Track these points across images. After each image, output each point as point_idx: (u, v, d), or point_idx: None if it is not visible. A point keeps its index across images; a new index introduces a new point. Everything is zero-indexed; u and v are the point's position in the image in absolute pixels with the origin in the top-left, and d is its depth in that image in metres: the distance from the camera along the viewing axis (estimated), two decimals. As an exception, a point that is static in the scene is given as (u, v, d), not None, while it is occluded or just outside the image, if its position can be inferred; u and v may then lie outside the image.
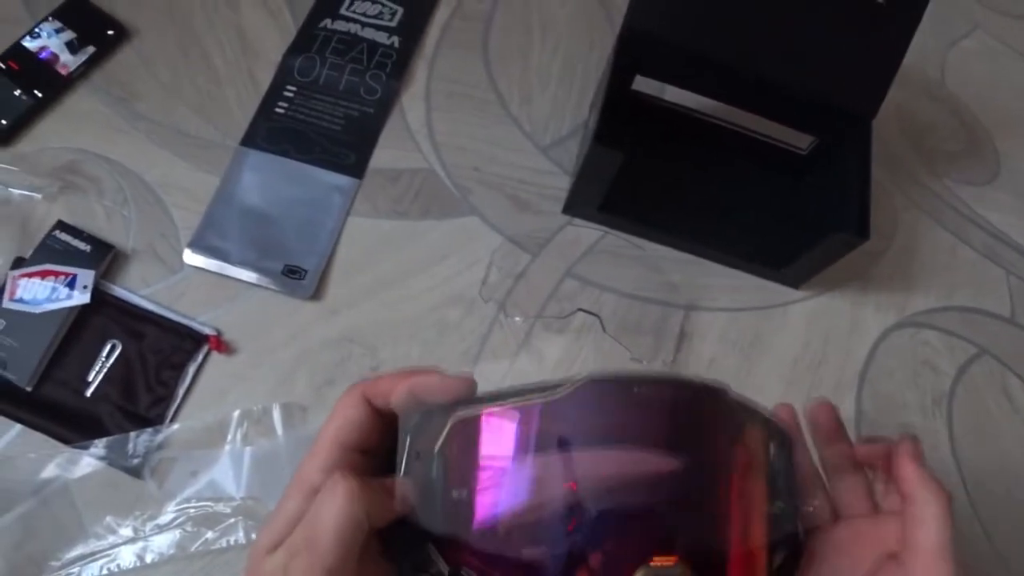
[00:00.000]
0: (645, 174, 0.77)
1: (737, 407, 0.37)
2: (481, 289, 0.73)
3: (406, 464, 0.35)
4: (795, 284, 0.78)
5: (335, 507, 0.32)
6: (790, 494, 0.39)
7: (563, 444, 0.34)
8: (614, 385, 0.35)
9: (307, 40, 0.81)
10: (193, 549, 0.60)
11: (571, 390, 0.34)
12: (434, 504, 0.34)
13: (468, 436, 0.35)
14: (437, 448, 0.35)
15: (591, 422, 0.35)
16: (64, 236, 0.67)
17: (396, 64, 0.82)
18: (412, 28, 0.85)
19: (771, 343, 0.76)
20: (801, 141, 0.79)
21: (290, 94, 0.78)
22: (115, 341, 0.66)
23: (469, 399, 0.35)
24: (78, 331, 0.65)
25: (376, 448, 0.37)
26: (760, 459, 0.38)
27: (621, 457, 0.34)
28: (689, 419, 0.36)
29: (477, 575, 0.34)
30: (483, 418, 0.35)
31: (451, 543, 0.34)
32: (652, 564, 0.32)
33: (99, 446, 0.62)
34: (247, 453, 0.63)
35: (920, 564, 0.36)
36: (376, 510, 0.33)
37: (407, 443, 0.36)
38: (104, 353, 0.65)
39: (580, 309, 0.72)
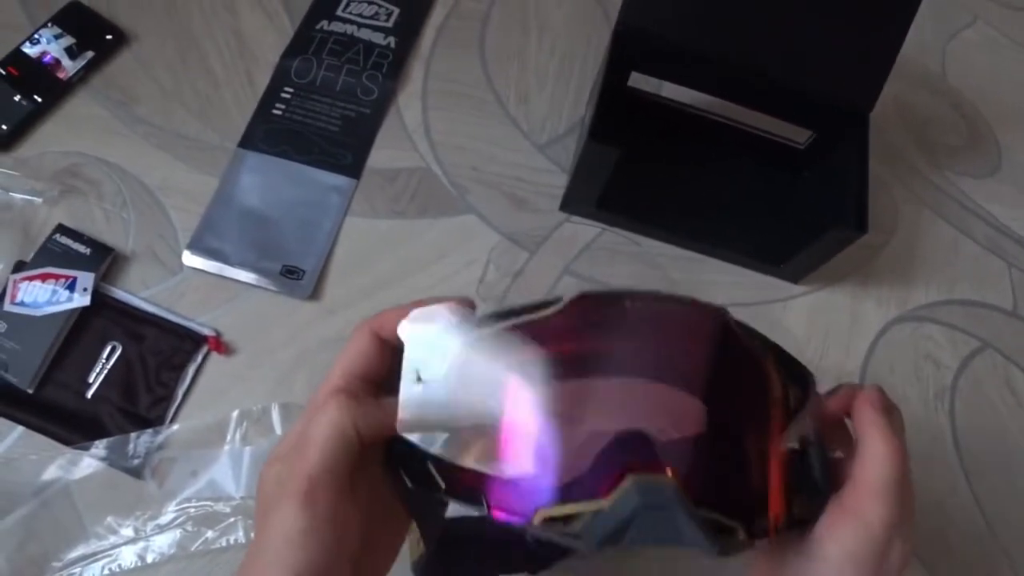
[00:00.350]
0: (642, 170, 0.77)
1: (740, 330, 0.36)
2: (479, 287, 0.73)
3: (405, 387, 0.36)
4: (795, 279, 0.78)
5: (324, 417, 0.34)
6: (810, 434, 0.38)
7: (558, 363, 0.34)
8: (604, 299, 0.35)
9: (304, 42, 0.82)
10: (194, 549, 0.60)
11: (561, 307, 0.34)
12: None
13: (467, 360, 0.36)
14: (442, 372, 0.36)
15: (585, 339, 0.35)
16: (64, 239, 0.68)
17: (392, 64, 0.82)
18: (408, 29, 0.85)
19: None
20: (799, 136, 0.79)
21: (287, 95, 0.79)
22: (115, 343, 0.66)
23: (467, 322, 0.36)
24: (78, 333, 0.66)
25: (386, 378, 0.38)
26: (769, 387, 0.37)
27: (617, 376, 0.34)
28: (682, 334, 0.36)
29: (471, 492, 0.34)
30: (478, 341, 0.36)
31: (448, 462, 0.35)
32: (642, 474, 0.32)
33: (100, 447, 0.62)
34: (246, 453, 0.64)
35: (853, 498, 0.36)
36: (367, 423, 0.35)
37: (407, 367, 0.37)
38: (104, 355, 0.66)
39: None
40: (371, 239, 0.74)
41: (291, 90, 0.79)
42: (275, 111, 0.78)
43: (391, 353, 0.38)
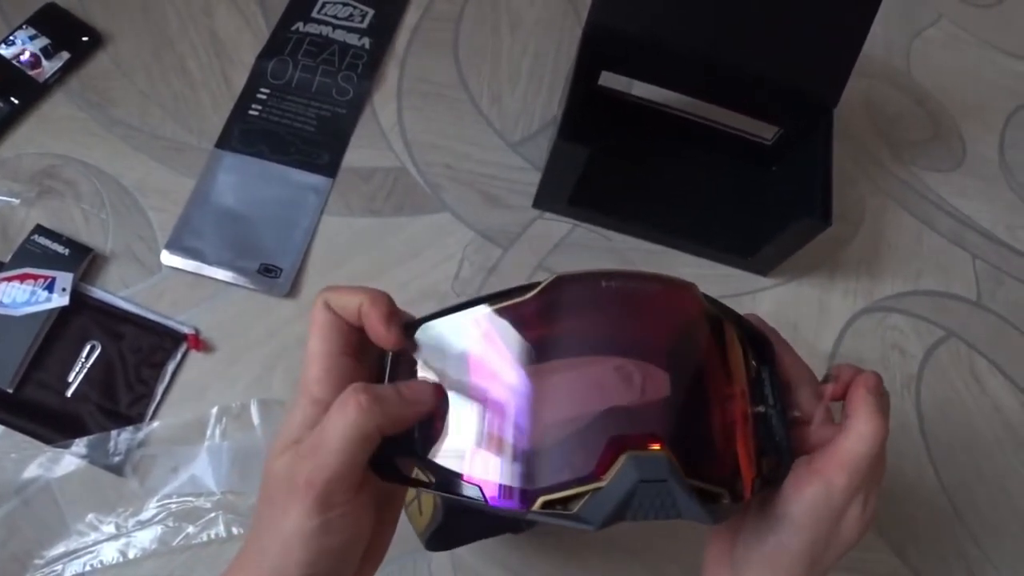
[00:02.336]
0: (613, 168, 0.78)
1: (707, 304, 0.38)
2: (454, 284, 0.74)
3: (390, 370, 0.38)
4: (764, 272, 0.80)
5: (344, 420, 0.33)
6: (774, 398, 0.39)
7: (540, 347, 0.35)
8: (582, 281, 0.36)
9: (280, 43, 0.83)
10: (175, 544, 0.61)
11: (538, 291, 0.35)
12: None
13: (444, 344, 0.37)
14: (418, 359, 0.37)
15: (563, 321, 0.35)
16: (43, 240, 0.68)
17: (367, 65, 0.83)
18: (383, 29, 0.86)
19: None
20: (766, 132, 0.80)
21: (263, 96, 0.80)
22: (95, 342, 0.67)
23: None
24: (58, 333, 0.67)
25: (365, 349, 0.38)
26: (734, 355, 0.38)
27: (597, 355, 0.35)
28: (658, 311, 0.36)
29: (465, 485, 0.35)
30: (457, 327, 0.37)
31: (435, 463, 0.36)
32: (636, 451, 0.33)
33: (81, 445, 0.63)
34: (226, 448, 0.65)
35: (823, 463, 0.38)
36: (388, 421, 0.34)
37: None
38: (84, 354, 0.67)
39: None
40: (347, 237, 0.75)
41: (267, 91, 0.80)
42: (251, 111, 0.79)
43: (353, 329, 0.38)
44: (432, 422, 0.36)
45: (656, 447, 0.33)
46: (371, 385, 0.34)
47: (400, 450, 0.36)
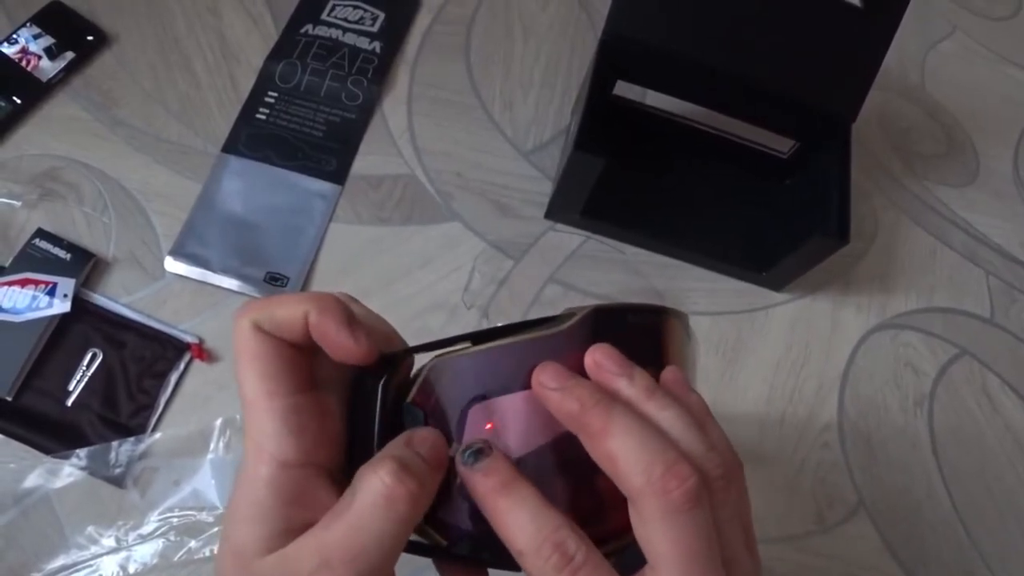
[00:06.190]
0: (627, 179, 0.77)
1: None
2: (464, 295, 0.73)
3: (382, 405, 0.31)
4: (777, 287, 0.79)
5: (394, 519, 0.26)
6: None
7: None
8: (615, 313, 0.32)
9: (289, 45, 0.81)
10: (176, 559, 0.60)
11: (574, 322, 0.31)
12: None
13: (452, 380, 0.31)
14: (409, 398, 0.32)
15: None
16: (44, 244, 0.67)
17: (377, 70, 0.81)
18: (394, 33, 0.84)
19: (753, 346, 0.76)
20: (782, 145, 0.80)
21: (271, 100, 0.78)
22: (96, 350, 0.66)
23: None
24: (59, 340, 0.65)
25: (322, 376, 0.32)
26: None
27: None
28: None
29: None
30: (470, 359, 0.31)
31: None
32: None
33: (81, 456, 0.62)
34: (230, 462, 0.63)
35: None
36: (429, 500, 0.28)
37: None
38: (85, 362, 0.65)
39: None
40: (355, 246, 0.74)
41: (275, 94, 0.79)
42: (259, 115, 0.77)
43: (302, 352, 0.30)
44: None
45: None
46: (403, 460, 0.27)
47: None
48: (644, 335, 0.33)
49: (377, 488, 0.26)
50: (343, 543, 0.26)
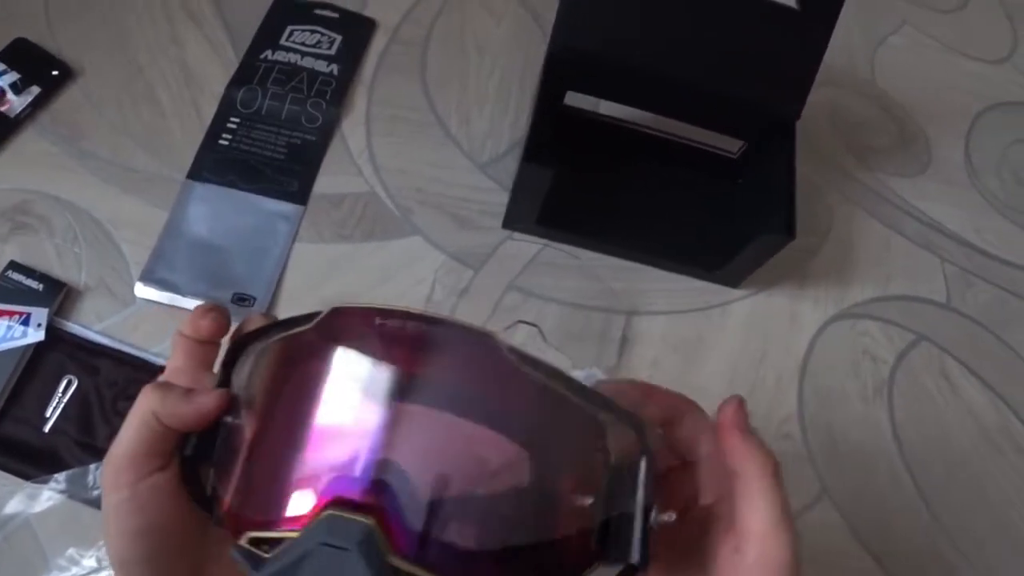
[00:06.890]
0: (581, 186, 0.79)
1: (516, 357, 0.30)
2: (427, 307, 0.75)
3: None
4: (733, 284, 0.81)
5: (136, 405, 0.34)
6: (622, 493, 0.32)
7: (308, 383, 0.33)
8: (358, 315, 0.32)
9: (249, 71, 0.83)
10: (154, 576, 0.62)
11: (315, 323, 0.32)
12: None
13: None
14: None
15: (339, 355, 0.33)
16: (17, 276, 0.69)
17: (336, 91, 0.84)
18: (351, 56, 0.87)
19: (712, 343, 0.78)
20: (731, 146, 0.82)
21: (233, 125, 0.80)
22: (71, 376, 0.67)
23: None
24: (34, 368, 0.67)
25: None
26: (555, 427, 0.33)
27: (370, 400, 0.31)
28: (448, 358, 0.32)
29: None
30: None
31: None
32: (341, 509, 0.28)
33: (60, 480, 0.63)
34: (203, 479, 0.65)
35: (754, 547, 0.32)
36: (167, 411, 0.34)
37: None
38: (61, 389, 0.67)
39: (520, 321, 0.74)
40: (319, 264, 0.76)
41: (237, 120, 0.81)
42: (222, 141, 0.79)
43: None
44: (231, 436, 0.35)
45: (369, 512, 0.28)
46: (170, 382, 0.35)
47: (202, 454, 0.35)
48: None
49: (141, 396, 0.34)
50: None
